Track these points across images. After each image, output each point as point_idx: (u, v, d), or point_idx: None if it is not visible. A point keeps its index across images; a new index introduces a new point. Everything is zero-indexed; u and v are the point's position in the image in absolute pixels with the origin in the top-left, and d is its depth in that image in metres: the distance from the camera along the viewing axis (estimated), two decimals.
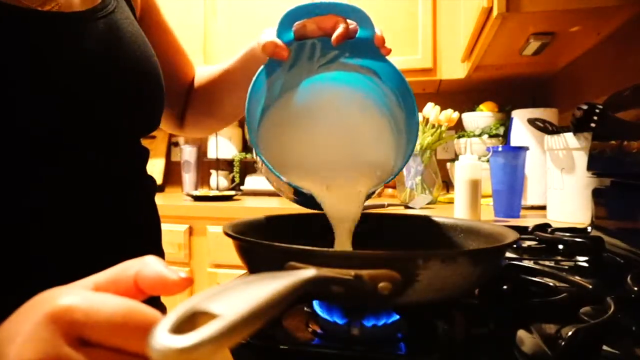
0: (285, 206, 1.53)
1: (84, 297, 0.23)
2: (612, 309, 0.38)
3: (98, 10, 0.51)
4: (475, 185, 1.10)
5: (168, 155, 2.19)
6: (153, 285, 0.24)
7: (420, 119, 1.47)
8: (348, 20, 0.52)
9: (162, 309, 0.60)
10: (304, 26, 0.52)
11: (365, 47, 0.53)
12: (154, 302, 0.61)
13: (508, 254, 0.67)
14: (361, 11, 0.50)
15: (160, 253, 0.61)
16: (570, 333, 0.33)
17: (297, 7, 0.50)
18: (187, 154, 1.99)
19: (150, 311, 0.23)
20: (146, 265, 0.25)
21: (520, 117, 1.35)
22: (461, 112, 1.64)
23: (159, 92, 0.58)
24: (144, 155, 0.60)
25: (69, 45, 0.46)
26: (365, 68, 0.55)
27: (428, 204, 1.42)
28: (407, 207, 1.39)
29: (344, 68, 0.56)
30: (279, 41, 0.50)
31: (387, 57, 0.53)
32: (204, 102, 0.75)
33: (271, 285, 0.22)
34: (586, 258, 0.64)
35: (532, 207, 1.31)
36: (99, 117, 0.49)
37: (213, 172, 2.02)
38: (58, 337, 0.22)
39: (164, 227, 0.63)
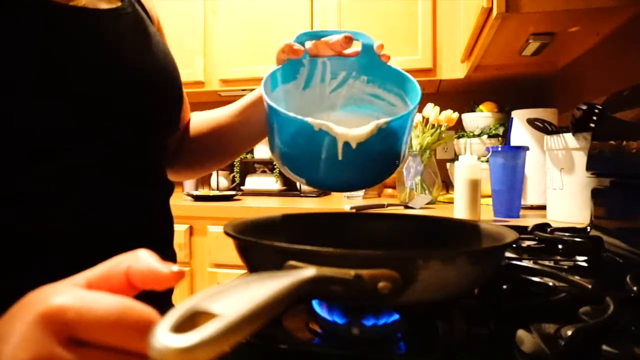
0: (286, 206, 1.53)
1: (76, 296, 0.22)
2: (611, 309, 0.38)
3: (122, 9, 0.52)
4: (475, 185, 1.10)
5: None
6: (144, 279, 0.24)
7: (420, 119, 1.47)
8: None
9: (171, 308, 0.61)
10: (316, 47, 0.57)
11: (368, 62, 0.59)
12: (164, 301, 0.61)
13: (508, 254, 0.67)
14: (363, 33, 0.58)
15: (171, 253, 0.61)
16: (570, 333, 0.33)
17: (310, 31, 0.58)
18: None
19: (144, 309, 0.22)
20: (138, 260, 0.25)
21: (520, 117, 1.35)
22: (461, 112, 1.64)
23: (176, 90, 0.59)
24: (162, 158, 0.60)
25: (92, 39, 0.47)
26: (370, 85, 0.61)
27: (428, 204, 1.42)
28: (407, 207, 1.39)
29: (352, 97, 0.61)
30: (294, 43, 0.56)
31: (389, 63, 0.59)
32: (199, 152, 0.73)
33: (271, 285, 0.22)
34: (585, 258, 0.64)
35: (532, 207, 1.31)
36: (113, 113, 0.49)
37: (213, 172, 2.02)
38: (51, 338, 0.22)
39: None
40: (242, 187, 1.97)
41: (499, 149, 1.16)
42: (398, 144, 0.51)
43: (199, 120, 0.73)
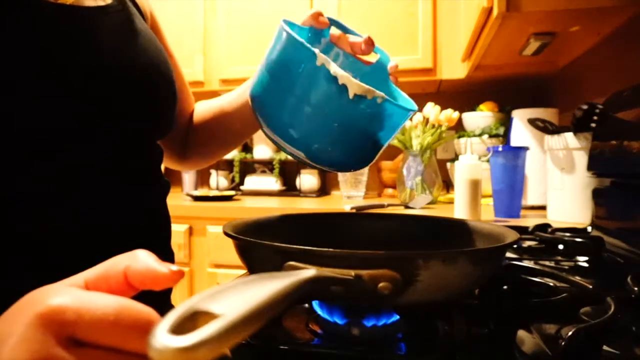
0: (285, 206, 1.53)
1: (74, 296, 0.22)
2: (612, 309, 0.38)
3: (111, 6, 0.52)
4: (475, 185, 1.10)
5: None
6: (143, 280, 0.24)
7: (421, 118, 1.47)
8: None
9: (171, 309, 0.60)
10: (339, 38, 0.56)
11: (377, 76, 0.58)
12: (163, 302, 0.61)
13: (508, 254, 0.67)
14: (383, 50, 0.58)
15: (170, 253, 0.61)
16: (570, 333, 0.33)
17: (338, 21, 0.57)
18: None
19: (142, 308, 0.22)
20: (136, 260, 0.25)
21: (520, 117, 1.35)
22: (461, 112, 1.64)
23: (172, 88, 0.59)
24: (159, 155, 0.60)
25: (84, 37, 0.47)
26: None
27: (428, 204, 1.42)
28: (407, 207, 1.39)
29: None
30: (323, 14, 0.55)
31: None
32: (207, 139, 0.74)
33: (271, 285, 0.22)
34: (586, 258, 0.64)
35: (532, 207, 1.31)
36: (113, 113, 0.49)
37: (213, 172, 2.02)
38: (50, 338, 0.22)
39: None
40: (241, 187, 1.97)
41: (500, 148, 1.16)
42: (380, 131, 0.49)
43: (203, 109, 0.74)
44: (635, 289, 0.46)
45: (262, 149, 1.97)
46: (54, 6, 0.45)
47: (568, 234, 0.73)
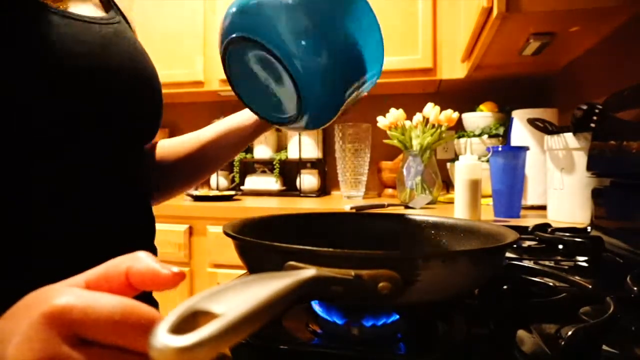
0: (285, 206, 1.53)
1: (79, 296, 0.23)
2: (612, 309, 0.38)
3: (106, 19, 0.53)
4: (475, 185, 1.11)
5: None
6: (144, 281, 0.25)
7: (420, 119, 1.47)
8: None
9: (154, 304, 0.60)
10: None
11: None
12: (146, 297, 0.61)
13: (508, 254, 0.67)
14: None
15: (153, 251, 0.61)
16: (570, 333, 0.33)
17: None
18: None
19: (147, 308, 0.23)
20: (137, 261, 0.25)
21: (520, 117, 1.35)
22: (461, 112, 1.64)
23: (159, 97, 0.59)
24: (147, 160, 0.60)
25: (83, 37, 0.47)
26: None
27: (428, 204, 1.42)
28: (407, 207, 1.39)
29: None
30: None
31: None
32: (179, 176, 0.72)
33: (271, 285, 0.22)
34: (586, 258, 0.64)
35: (532, 207, 1.31)
36: (113, 113, 0.49)
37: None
38: (55, 337, 0.22)
39: (165, 227, 0.63)
40: (241, 187, 1.97)
41: (500, 149, 1.16)
42: (359, 32, 0.50)
43: (167, 147, 0.72)
44: (635, 288, 0.46)
45: (262, 149, 1.97)
46: (52, 9, 0.45)
47: (568, 234, 0.73)
